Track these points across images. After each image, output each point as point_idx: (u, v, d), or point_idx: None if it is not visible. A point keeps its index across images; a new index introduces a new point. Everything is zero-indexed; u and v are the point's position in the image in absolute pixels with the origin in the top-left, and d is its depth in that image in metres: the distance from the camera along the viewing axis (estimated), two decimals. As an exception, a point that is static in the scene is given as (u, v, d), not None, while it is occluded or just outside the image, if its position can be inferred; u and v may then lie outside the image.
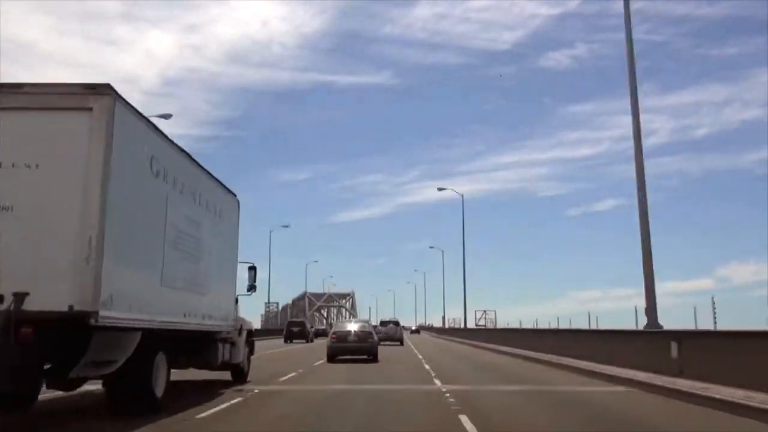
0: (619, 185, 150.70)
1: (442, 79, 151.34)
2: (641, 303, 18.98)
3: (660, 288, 19.17)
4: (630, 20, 21.83)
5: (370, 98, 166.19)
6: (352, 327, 25.53)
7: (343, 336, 24.65)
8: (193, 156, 11.72)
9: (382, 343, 34.83)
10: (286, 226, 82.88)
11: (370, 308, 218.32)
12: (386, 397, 12.51)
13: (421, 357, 28.22)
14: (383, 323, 47.07)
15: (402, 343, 43.05)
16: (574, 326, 31.77)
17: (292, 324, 55.31)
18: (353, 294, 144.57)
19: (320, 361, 23.82)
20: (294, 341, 50.41)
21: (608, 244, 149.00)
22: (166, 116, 39.51)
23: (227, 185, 14.07)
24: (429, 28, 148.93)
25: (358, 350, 24.33)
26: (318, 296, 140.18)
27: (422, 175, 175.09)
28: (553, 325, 36.88)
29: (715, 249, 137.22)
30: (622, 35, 21.65)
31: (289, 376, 17.36)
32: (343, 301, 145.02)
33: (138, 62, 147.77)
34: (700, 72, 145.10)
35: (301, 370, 19.27)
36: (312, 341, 52.00)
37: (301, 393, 13.28)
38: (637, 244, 19.64)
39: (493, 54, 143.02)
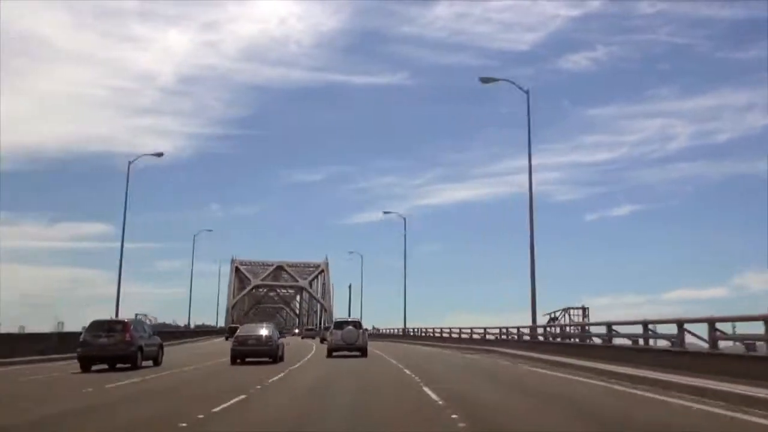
0: (638, 190, 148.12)
1: (459, 80, 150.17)
2: (650, 310, 20.01)
3: (672, 296, 20.28)
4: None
5: (386, 99, 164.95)
6: (254, 331, 27.04)
7: (244, 340, 26.30)
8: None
9: (336, 353, 30.57)
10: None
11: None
12: None
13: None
14: (338, 324, 32.95)
15: (365, 354, 30.91)
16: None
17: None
18: (326, 265, 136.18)
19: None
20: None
21: (624, 249, 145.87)
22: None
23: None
24: (448, 28, 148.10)
25: (258, 353, 25.86)
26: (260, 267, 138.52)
27: (437, 177, 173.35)
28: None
29: (732, 257, 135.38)
30: (643, 37, 24.76)
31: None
32: (309, 277, 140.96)
33: (155, 59, 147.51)
34: (722, 75, 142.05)
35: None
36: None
37: None
38: (652, 251, 21.90)
39: (512, 55, 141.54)
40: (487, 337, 39.38)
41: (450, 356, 33.20)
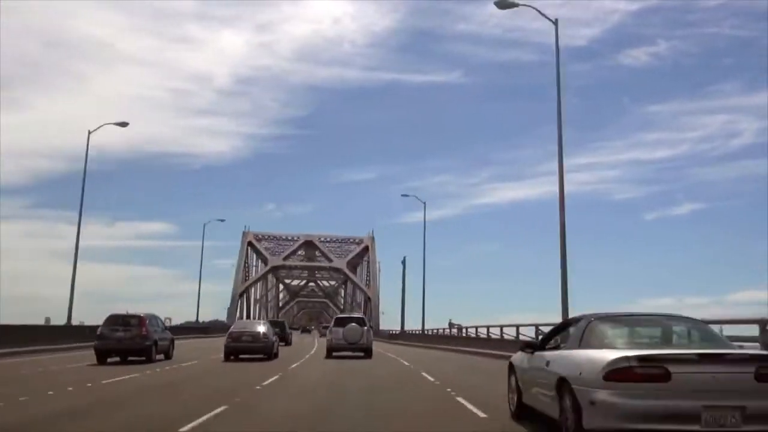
0: (699, 188, 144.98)
1: (514, 77, 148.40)
2: (715, 312, 19.52)
3: (739, 297, 20.06)
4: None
5: (440, 97, 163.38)
6: (248, 328, 27.47)
7: (238, 336, 26.43)
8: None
9: (337, 353, 28.34)
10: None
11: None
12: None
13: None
14: (339, 321, 30.13)
15: (369, 355, 28.63)
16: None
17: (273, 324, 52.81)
18: (371, 241, 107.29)
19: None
20: None
21: (685, 249, 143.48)
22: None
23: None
24: (502, 25, 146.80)
25: (251, 350, 26.01)
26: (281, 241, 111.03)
27: (492, 176, 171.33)
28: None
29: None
30: (706, 30, 19.58)
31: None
32: (348, 256, 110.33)
33: (211, 60, 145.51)
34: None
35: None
36: (291, 343, 46.61)
37: None
38: (715, 251, 19.55)
39: (569, 51, 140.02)
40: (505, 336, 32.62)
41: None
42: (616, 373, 6.67)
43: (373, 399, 13.17)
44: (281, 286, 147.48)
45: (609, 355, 6.95)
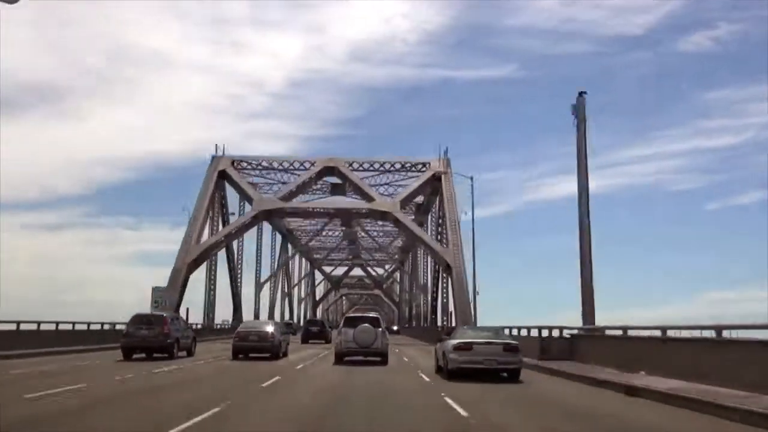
0: (765, 176, 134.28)
1: (570, 68, 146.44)
2: None
3: None
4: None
5: (495, 92, 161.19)
6: (256, 327, 28.42)
7: (245, 335, 27.20)
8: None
9: (348, 358, 24.72)
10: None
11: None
12: None
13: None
14: (349, 321, 25.83)
15: (385, 361, 24.64)
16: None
17: (311, 323, 53.53)
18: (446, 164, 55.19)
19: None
20: (311, 342, 45.91)
21: (750, 240, 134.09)
22: None
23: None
24: (557, 17, 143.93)
25: (258, 349, 26.64)
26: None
27: (550, 170, 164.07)
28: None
29: None
30: None
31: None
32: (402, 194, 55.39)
33: (264, 64, 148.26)
34: None
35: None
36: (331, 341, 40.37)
37: None
38: None
39: (626, 40, 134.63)
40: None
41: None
42: (455, 347, 18.75)
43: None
44: (318, 274, 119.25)
45: (456, 341, 19.22)
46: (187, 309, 50.38)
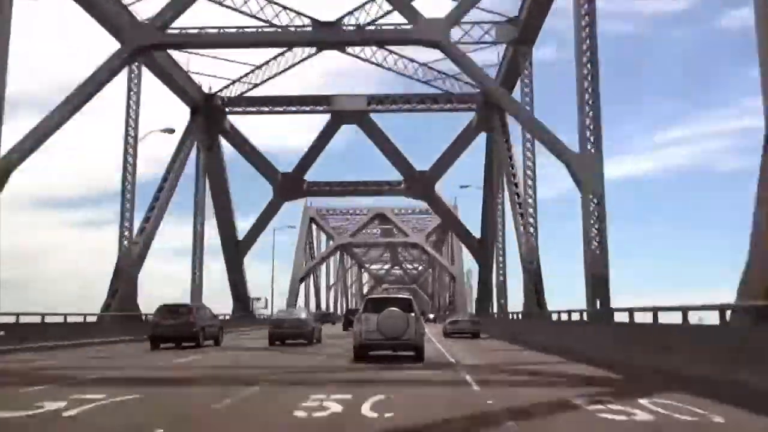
0: None
1: (608, 49, 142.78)
2: None
3: None
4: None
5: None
6: (291, 315, 29.88)
7: (279, 323, 28.71)
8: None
9: (373, 352, 18.76)
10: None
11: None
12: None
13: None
14: (373, 304, 19.63)
15: (420, 356, 18.62)
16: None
17: (350, 312, 53.27)
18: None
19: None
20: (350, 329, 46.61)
21: None
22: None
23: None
24: None
25: (293, 335, 27.88)
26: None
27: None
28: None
29: None
30: None
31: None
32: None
33: None
34: None
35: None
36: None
37: None
38: None
39: (668, 17, 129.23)
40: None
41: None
42: (449, 323, 37.59)
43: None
44: (365, 274, 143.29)
45: (449, 320, 38.74)
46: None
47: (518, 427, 8.11)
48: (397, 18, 33.32)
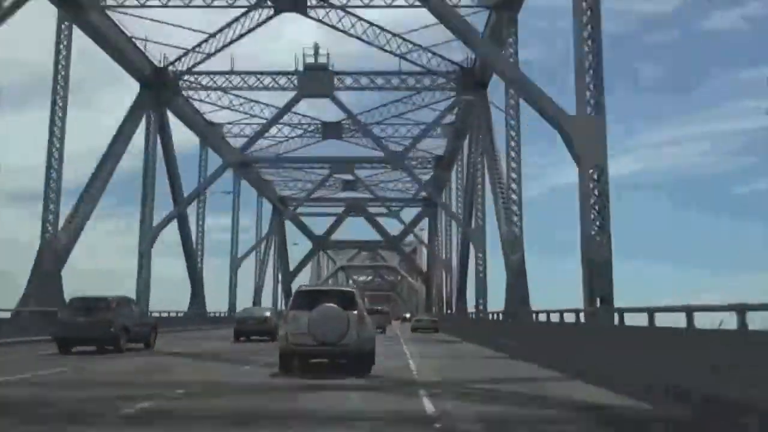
0: None
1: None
2: None
3: None
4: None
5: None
6: (254, 313, 32.27)
7: (244, 320, 30.66)
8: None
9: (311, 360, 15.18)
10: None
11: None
12: None
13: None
14: (303, 298, 14.51)
15: (367, 365, 14.17)
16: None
17: None
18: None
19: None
20: None
21: None
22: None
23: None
24: None
25: (258, 332, 29.31)
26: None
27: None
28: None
29: None
30: None
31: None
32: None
33: None
34: None
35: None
36: None
37: None
38: None
39: (652, 19, 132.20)
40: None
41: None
42: (415, 320, 50.67)
43: None
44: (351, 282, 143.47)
45: (415, 318, 53.80)
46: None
47: None
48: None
